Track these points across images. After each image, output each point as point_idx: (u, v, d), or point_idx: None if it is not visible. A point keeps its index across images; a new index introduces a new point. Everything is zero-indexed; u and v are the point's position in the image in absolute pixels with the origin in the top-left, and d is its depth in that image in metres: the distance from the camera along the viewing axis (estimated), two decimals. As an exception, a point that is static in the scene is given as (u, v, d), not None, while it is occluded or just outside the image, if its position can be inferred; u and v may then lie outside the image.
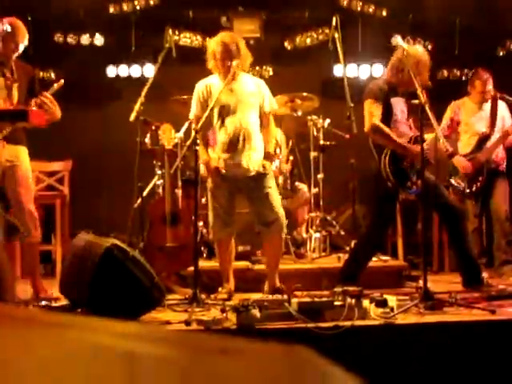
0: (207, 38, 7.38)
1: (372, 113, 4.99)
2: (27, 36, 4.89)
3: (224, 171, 5.01)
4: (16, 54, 4.86)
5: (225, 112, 5.01)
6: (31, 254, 5.04)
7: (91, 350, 0.77)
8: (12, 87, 4.78)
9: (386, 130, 4.97)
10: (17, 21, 4.88)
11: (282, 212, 5.07)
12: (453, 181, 6.24)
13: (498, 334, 3.90)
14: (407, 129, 5.14)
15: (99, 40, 7.88)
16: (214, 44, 5.06)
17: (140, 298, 4.02)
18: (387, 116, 5.04)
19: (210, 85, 5.12)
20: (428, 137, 4.95)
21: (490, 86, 6.25)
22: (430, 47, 7.73)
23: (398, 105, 5.10)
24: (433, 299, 4.24)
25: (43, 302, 4.60)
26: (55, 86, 4.75)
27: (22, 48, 4.88)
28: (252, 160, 5.01)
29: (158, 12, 7.80)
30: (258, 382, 0.74)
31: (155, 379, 0.76)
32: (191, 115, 5.17)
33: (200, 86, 5.15)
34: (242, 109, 5.02)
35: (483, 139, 6.28)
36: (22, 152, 4.90)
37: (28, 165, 4.92)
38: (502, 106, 6.37)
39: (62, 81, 4.76)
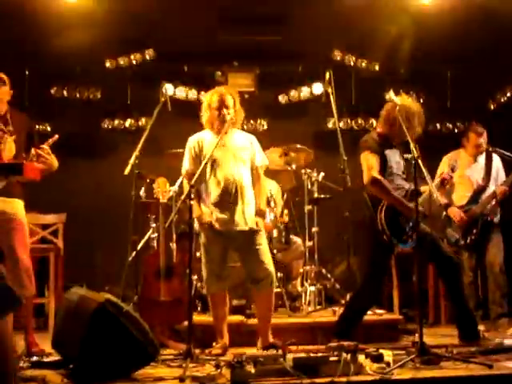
0: (202, 92, 7.48)
1: (371, 165, 4.98)
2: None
3: (217, 226, 5.01)
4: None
5: (217, 166, 5.03)
6: (25, 308, 4.97)
7: None
8: (6, 141, 4.78)
9: (386, 183, 4.97)
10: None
11: (272, 269, 5.04)
12: (447, 232, 6.25)
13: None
14: (403, 181, 5.13)
15: (95, 94, 7.96)
16: (209, 95, 5.17)
17: (134, 353, 3.98)
18: (383, 168, 5.04)
19: (201, 140, 5.16)
20: (424, 189, 4.97)
21: (482, 140, 6.31)
22: (421, 100, 7.82)
23: (393, 157, 5.12)
24: (429, 354, 4.20)
25: (35, 358, 4.54)
26: (50, 140, 4.75)
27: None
28: (245, 215, 5.02)
29: (153, 66, 7.89)
30: None
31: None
32: (183, 170, 5.21)
33: (191, 141, 5.19)
34: (234, 163, 5.06)
35: (479, 191, 6.31)
36: (18, 205, 4.86)
37: (24, 218, 4.88)
38: (496, 158, 6.43)
39: (57, 136, 4.76)
